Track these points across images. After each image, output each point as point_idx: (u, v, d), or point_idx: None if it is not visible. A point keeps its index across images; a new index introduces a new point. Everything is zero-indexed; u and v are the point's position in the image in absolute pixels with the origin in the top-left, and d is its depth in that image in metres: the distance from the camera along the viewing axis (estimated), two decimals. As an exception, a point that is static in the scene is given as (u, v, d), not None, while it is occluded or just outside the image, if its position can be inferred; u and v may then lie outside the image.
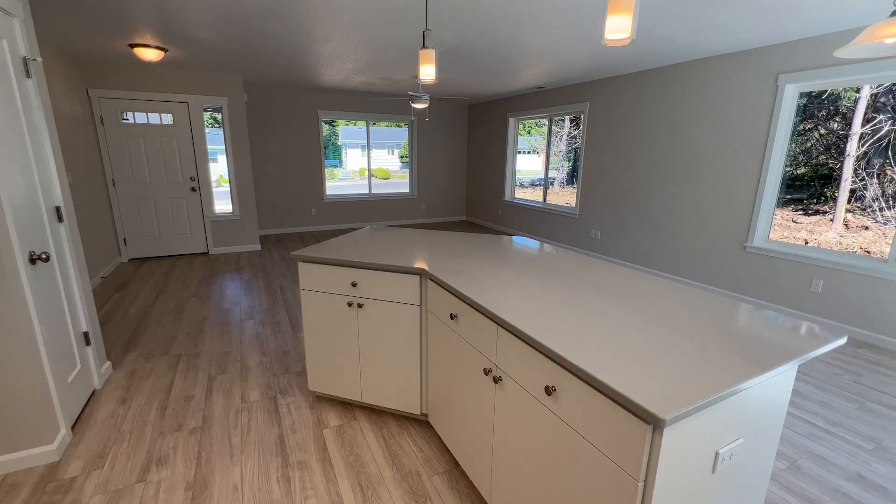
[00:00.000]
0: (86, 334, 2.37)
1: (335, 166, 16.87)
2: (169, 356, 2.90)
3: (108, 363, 2.65)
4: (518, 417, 1.33)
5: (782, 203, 3.90)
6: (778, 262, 3.81)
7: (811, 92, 3.62)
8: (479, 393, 1.57)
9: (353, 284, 2.04)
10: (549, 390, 1.15)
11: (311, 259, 2.10)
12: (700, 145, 4.33)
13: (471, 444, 1.67)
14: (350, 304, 2.08)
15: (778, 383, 1.14)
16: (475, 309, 1.52)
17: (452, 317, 1.69)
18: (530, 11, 2.93)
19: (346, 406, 2.35)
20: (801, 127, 3.73)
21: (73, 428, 2.13)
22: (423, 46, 2.13)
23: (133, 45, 3.94)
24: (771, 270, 3.86)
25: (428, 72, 2.15)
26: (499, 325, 1.38)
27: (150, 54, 4.06)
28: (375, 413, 2.29)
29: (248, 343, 3.12)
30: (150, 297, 4.06)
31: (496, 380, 1.42)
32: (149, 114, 5.16)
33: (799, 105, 3.65)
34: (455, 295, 1.65)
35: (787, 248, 3.77)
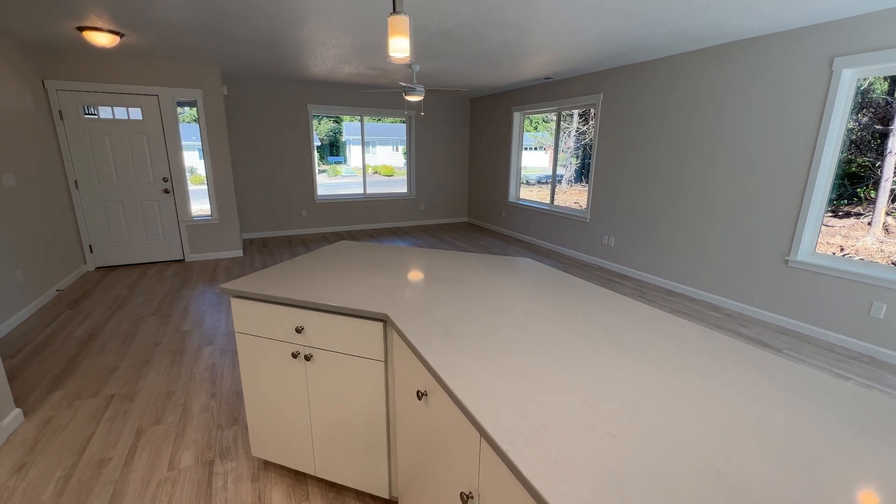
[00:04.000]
0: (-26, 382, 1.89)
1: (339, 163, 16.35)
2: (99, 398, 2.41)
3: (18, 411, 2.17)
4: None
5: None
6: (828, 281, 3.23)
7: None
8: (457, 517, 1.05)
9: (298, 330, 1.53)
10: None
11: (244, 295, 1.59)
12: (732, 142, 3.75)
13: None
14: (295, 356, 1.57)
15: None
16: (449, 396, 1.00)
17: (420, 395, 1.16)
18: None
19: (300, 478, 1.84)
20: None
21: (-60, 511, 1.65)
22: (394, 11, 1.60)
23: (82, 28, 3.45)
24: (820, 290, 3.29)
25: (400, 45, 1.62)
26: (482, 436, 0.86)
27: (102, 39, 3.56)
28: (334, 490, 1.78)
29: (198, 379, 2.62)
30: (105, 315, 3.58)
31: (478, 518, 0.90)
32: (115, 108, 4.67)
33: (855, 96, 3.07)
34: (423, 364, 1.13)
35: (838, 265, 3.19)
